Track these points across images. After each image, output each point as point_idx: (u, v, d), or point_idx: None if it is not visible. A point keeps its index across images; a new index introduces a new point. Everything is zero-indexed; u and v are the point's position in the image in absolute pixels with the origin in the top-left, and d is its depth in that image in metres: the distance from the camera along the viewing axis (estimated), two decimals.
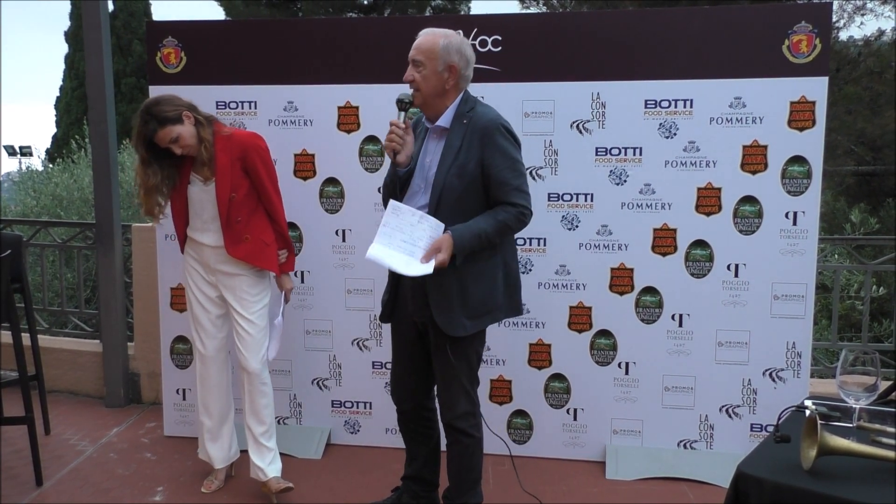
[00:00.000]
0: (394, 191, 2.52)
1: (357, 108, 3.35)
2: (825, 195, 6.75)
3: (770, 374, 3.22)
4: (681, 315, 3.25)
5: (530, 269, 3.31)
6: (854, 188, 9.61)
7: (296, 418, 3.57)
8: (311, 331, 3.49)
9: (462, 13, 14.69)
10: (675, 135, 3.17)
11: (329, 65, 3.34)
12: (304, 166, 3.42)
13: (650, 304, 3.27)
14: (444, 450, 2.69)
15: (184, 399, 3.61)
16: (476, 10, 17.84)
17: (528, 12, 10.68)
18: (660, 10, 4.03)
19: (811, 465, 1.58)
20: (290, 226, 3.43)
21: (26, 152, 17.51)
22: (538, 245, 3.30)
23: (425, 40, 2.44)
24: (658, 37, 3.14)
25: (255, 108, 3.40)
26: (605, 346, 3.32)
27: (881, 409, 1.86)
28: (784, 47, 3.07)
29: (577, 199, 3.26)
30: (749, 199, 3.17)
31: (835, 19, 9.33)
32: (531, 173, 3.24)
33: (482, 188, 2.43)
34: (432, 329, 2.49)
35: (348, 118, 3.37)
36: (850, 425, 1.78)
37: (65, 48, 14.43)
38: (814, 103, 3.08)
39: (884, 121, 9.03)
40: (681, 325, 3.26)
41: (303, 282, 3.47)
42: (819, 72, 3.06)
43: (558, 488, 3.10)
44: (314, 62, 3.35)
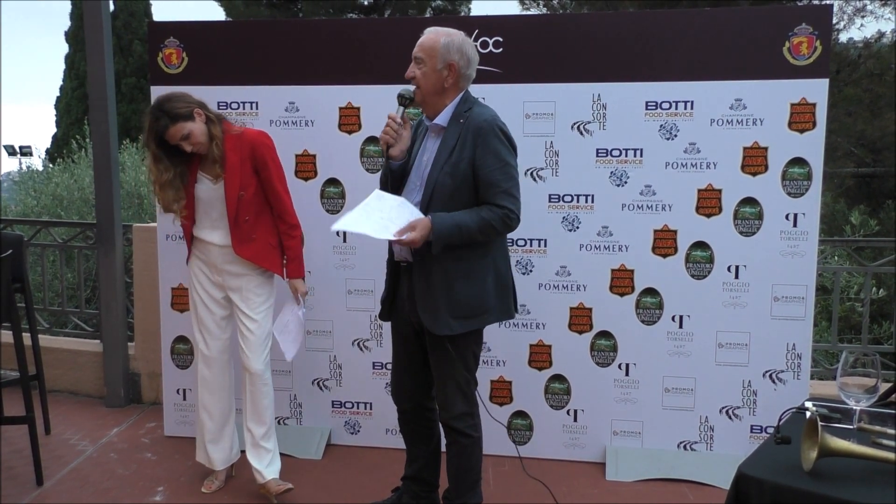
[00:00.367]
0: (385, 186, 2.55)
1: (358, 109, 3.36)
2: (825, 197, 6.75)
3: (770, 376, 3.23)
4: (681, 316, 3.26)
5: (531, 270, 3.31)
6: (854, 190, 9.61)
7: (296, 419, 3.57)
8: (311, 331, 3.49)
9: (462, 14, 14.70)
10: (676, 136, 3.18)
11: (330, 65, 3.34)
12: (306, 167, 3.43)
13: (650, 305, 3.27)
14: (444, 450, 2.69)
15: (184, 399, 3.61)
16: (476, 10, 17.84)
17: (530, 14, 10.69)
18: (660, 12, 4.04)
19: (812, 466, 1.59)
20: None
21: (26, 152, 17.49)
22: (539, 246, 3.30)
23: (428, 38, 2.46)
24: (659, 38, 3.14)
25: (257, 108, 3.41)
26: (605, 348, 3.32)
27: (881, 410, 1.87)
28: (784, 49, 3.07)
29: (577, 201, 3.26)
30: (749, 201, 3.17)
31: (835, 21, 9.34)
32: (532, 174, 3.25)
33: (474, 188, 2.43)
34: (427, 330, 2.50)
35: (349, 119, 3.37)
36: (851, 427, 1.79)
37: (65, 48, 14.45)
38: (814, 105, 3.08)
39: (884, 123, 9.04)
40: (681, 326, 3.26)
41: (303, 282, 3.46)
42: (819, 74, 3.07)
43: (558, 489, 3.10)
44: (316, 63, 3.35)
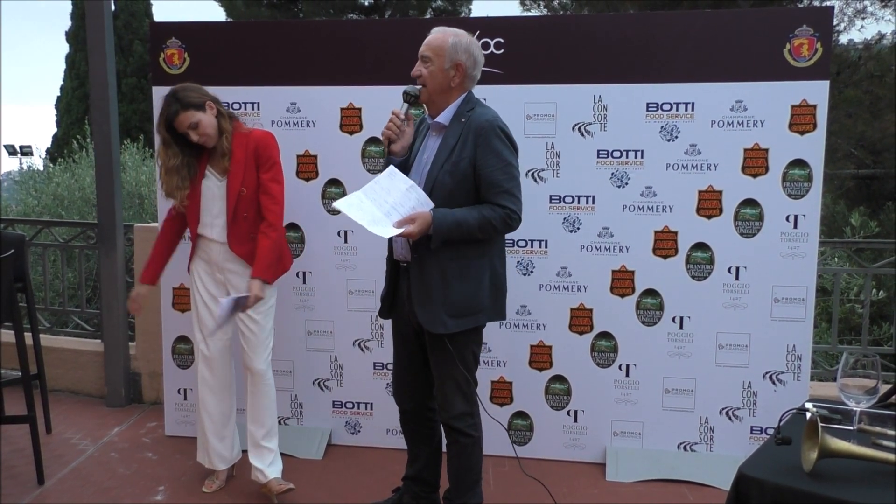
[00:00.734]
0: None
1: (360, 110, 3.36)
2: (825, 198, 6.76)
3: (770, 377, 3.23)
4: (681, 317, 3.26)
5: (531, 271, 3.32)
6: (854, 191, 9.62)
7: (297, 419, 3.57)
8: (312, 331, 3.50)
9: (462, 15, 14.71)
10: (677, 138, 3.18)
11: (332, 66, 3.35)
12: (307, 167, 3.43)
13: (651, 306, 3.28)
14: (445, 451, 2.70)
15: (185, 399, 3.62)
16: (476, 11, 17.84)
17: (531, 15, 10.69)
18: (662, 14, 4.04)
19: (812, 467, 1.59)
20: (292, 227, 3.45)
21: (27, 152, 17.50)
22: (539, 247, 3.31)
23: (436, 37, 2.47)
24: (660, 40, 3.15)
25: (258, 109, 3.41)
26: (605, 348, 3.32)
27: (882, 412, 1.87)
28: (785, 51, 3.08)
29: (578, 202, 3.27)
30: (750, 202, 3.18)
31: (835, 23, 9.34)
32: (533, 175, 3.25)
33: (473, 187, 2.44)
34: (426, 329, 2.50)
35: (351, 119, 3.38)
36: (851, 428, 1.79)
37: (65, 48, 14.44)
38: (815, 107, 3.09)
39: (884, 124, 9.04)
40: (681, 327, 3.27)
41: (304, 283, 3.48)
42: (820, 75, 3.08)
43: (558, 490, 3.11)
44: (317, 64, 3.36)
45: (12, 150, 19.81)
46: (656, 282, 3.26)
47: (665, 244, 3.24)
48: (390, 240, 2.53)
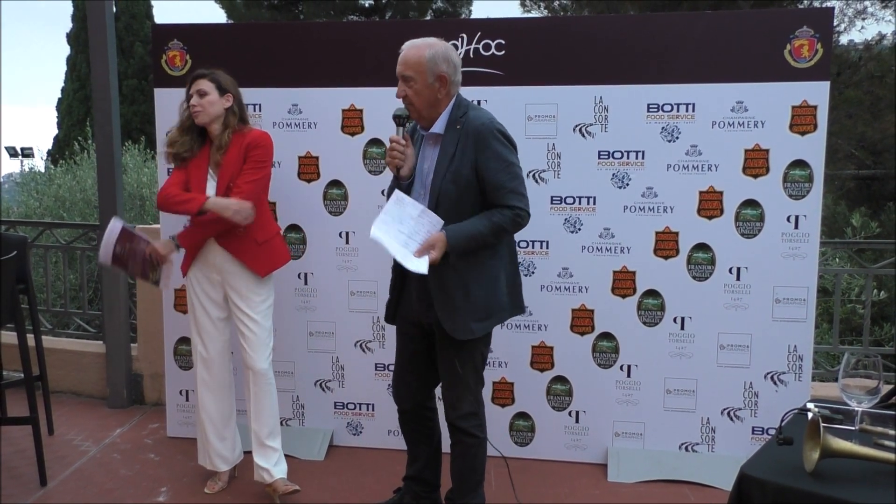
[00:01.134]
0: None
1: (361, 111, 3.37)
2: (826, 199, 6.76)
3: (771, 378, 3.23)
4: (682, 318, 3.27)
5: (533, 272, 3.32)
6: (854, 192, 9.63)
7: (298, 420, 3.58)
8: (313, 332, 3.50)
9: (463, 16, 14.73)
10: (678, 138, 3.19)
11: (333, 68, 3.35)
12: (308, 168, 3.44)
13: (652, 306, 3.28)
14: (445, 451, 2.70)
15: (187, 400, 3.62)
16: (477, 12, 17.86)
17: (532, 16, 10.71)
18: (662, 15, 4.05)
19: (814, 467, 1.60)
20: (293, 228, 3.46)
21: (28, 154, 17.53)
22: (540, 248, 3.31)
23: (411, 54, 2.43)
24: (660, 41, 3.15)
25: (260, 110, 3.42)
26: (607, 349, 3.33)
27: (883, 412, 1.87)
28: (786, 52, 3.08)
29: (579, 203, 3.27)
30: (751, 203, 3.18)
31: (835, 23, 9.35)
32: (534, 176, 3.26)
33: (478, 192, 2.45)
34: (438, 331, 2.51)
35: (352, 121, 3.38)
36: (853, 428, 1.79)
37: (66, 50, 14.45)
38: (815, 108, 3.09)
39: (884, 125, 9.05)
40: (682, 327, 3.27)
41: (306, 284, 3.48)
42: (820, 76, 3.08)
43: (560, 490, 3.11)
44: (318, 65, 3.36)
45: (13, 152, 19.84)
46: (657, 282, 3.26)
47: (666, 245, 3.24)
48: None
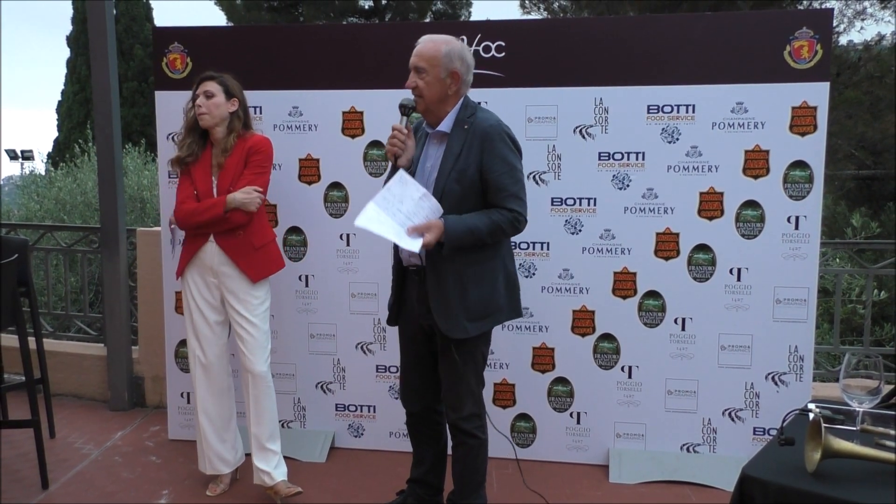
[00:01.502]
0: None
1: (361, 113, 3.37)
2: (826, 199, 6.76)
3: (772, 378, 3.23)
4: (683, 319, 3.27)
5: (533, 273, 3.32)
6: (855, 192, 9.64)
7: (300, 422, 3.58)
8: (315, 335, 3.51)
9: (462, 18, 14.74)
10: (678, 140, 3.19)
11: (334, 70, 3.36)
12: (309, 171, 3.44)
13: (653, 307, 3.28)
14: (450, 454, 2.70)
15: (188, 403, 3.62)
16: (476, 14, 17.87)
17: (532, 18, 10.72)
18: (662, 17, 4.06)
19: (815, 467, 1.60)
20: (294, 230, 3.46)
21: (28, 156, 17.55)
22: (541, 249, 3.32)
23: (427, 47, 2.46)
24: (660, 42, 3.16)
25: (260, 112, 3.42)
26: (608, 350, 3.33)
27: (884, 412, 1.88)
28: (786, 53, 3.09)
29: (579, 204, 3.28)
30: (751, 204, 3.18)
31: (835, 24, 9.36)
32: (534, 178, 3.26)
33: (481, 193, 2.46)
34: (438, 332, 2.51)
35: (353, 123, 3.39)
36: (854, 428, 1.80)
37: (66, 52, 14.46)
38: (815, 108, 3.10)
39: (884, 125, 9.06)
40: (683, 328, 3.27)
41: (307, 286, 3.48)
42: (820, 77, 3.09)
43: (561, 492, 3.11)
44: (318, 68, 3.37)
45: (13, 155, 19.86)
46: (658, 283, 3.27)
47: (666, 246, 3.25)
48: (396, 247, 2.54)
